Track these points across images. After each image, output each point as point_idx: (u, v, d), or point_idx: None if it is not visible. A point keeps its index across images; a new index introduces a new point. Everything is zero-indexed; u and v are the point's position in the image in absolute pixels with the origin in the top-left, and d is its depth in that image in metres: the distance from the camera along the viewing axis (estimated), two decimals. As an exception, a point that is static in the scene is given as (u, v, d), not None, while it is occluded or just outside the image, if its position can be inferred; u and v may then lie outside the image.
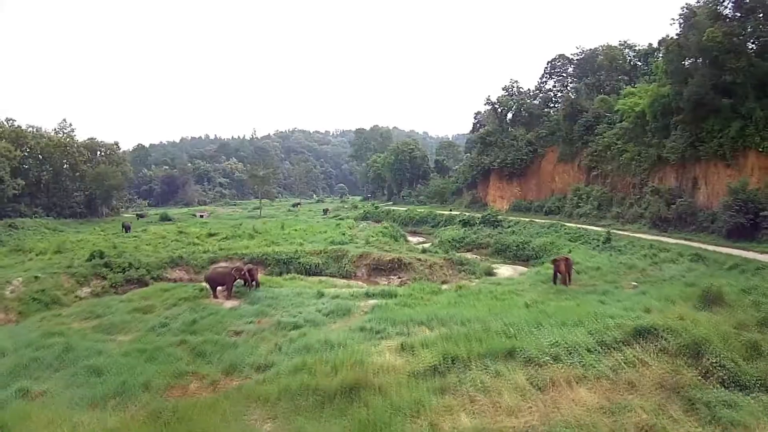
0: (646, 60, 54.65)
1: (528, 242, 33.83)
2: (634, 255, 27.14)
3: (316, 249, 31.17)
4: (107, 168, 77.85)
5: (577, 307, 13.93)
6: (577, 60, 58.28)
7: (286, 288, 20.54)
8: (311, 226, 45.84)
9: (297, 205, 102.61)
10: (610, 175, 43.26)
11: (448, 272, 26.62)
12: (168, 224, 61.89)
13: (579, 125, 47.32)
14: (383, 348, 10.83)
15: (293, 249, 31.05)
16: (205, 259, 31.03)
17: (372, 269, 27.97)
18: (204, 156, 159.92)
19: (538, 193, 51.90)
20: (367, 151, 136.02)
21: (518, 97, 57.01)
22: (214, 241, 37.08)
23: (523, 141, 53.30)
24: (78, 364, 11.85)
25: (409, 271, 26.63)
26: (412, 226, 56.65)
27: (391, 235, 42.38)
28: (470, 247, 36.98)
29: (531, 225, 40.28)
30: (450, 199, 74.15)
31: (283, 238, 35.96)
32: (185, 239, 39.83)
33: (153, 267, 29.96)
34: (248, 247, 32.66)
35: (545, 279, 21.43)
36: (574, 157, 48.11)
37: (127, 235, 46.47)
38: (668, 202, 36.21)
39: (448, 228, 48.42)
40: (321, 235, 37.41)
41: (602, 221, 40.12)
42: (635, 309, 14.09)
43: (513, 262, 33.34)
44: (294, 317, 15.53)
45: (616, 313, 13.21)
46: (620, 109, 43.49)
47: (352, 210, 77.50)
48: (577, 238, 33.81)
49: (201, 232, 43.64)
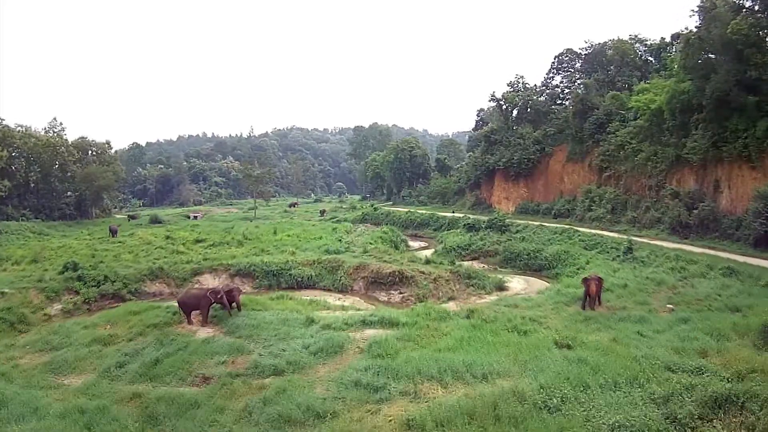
0: (659, 55, 52.02)
1: (540, 250, 31.21)
2: (660, 268, 24.54)
3: (309, 259, 28.59)
4: (97, 168, 75.28)
5: (621, 350, 11.40)
6: (585, 55, 55.51)
7: (271, 311, 17.88)
8: (305, 230, 43.18)
9: (294, 206, 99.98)
10: (623, 176, 40.59)
11: (455, 287, 24.00)
12: (157, 227, 59.22)
13: (590, 123, 44.66)
14: (383, 421, 8.22)
15: (284, 259, 28.46)
16: (187, 270, 28.49)
17: (370, 283, 25.36)
18: (200, 155, 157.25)
19: (546, 194, 49.26)
20: (366, 150, 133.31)
21: (524, 94, 54.19)
22: (201, 249, 34.47)
23: (530, 139, 50.61)
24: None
25: (411, 285, 24.01)
26: (413, 229, 54.03)
27: (391, 240, 39.79)
28: (477, 255, 34.39)
29: (541, 230, 37.64)
30: (452, 199, 71.46)
31: (274, 246, 33.34)
32: (171, 246, 37.26)
33: (131, 280, 27.48)
34: (235, 257, 30.07)
35: (568, 300, 18.86)
36: (584, 156, 45.44)
37: (113, 241, 43.96)
38: (689, 207, 33.62)
39: (451, 232, 45.77)
40: (315, 242, 34.78)
41: (617, 226, 37.52)
42: (688, 351, 11.80)
43: (524, 272, 30.77)
44: (275, 357, 12.93)
45: (668, 358, 10.86)
46: (634, 106, 40.84)
47: (351, 211, 74.80)
48: (593, 246, 31.19)
49: (189, 238, 41.04)
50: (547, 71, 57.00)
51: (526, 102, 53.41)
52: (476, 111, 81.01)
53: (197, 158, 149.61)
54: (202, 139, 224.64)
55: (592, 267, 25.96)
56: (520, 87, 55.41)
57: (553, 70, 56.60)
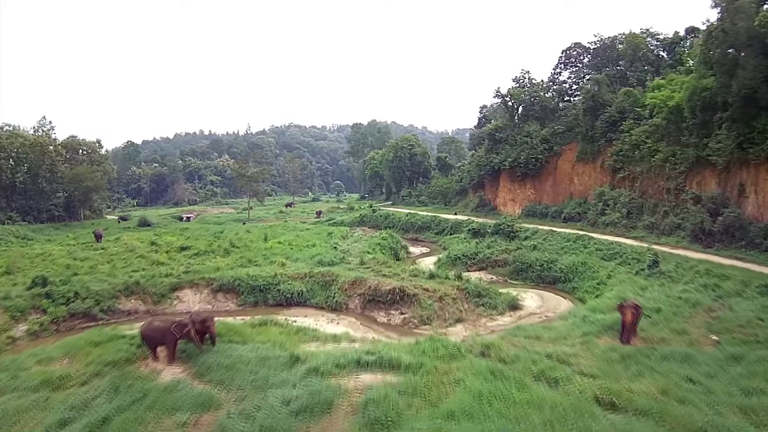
0: (672, 50, 49.39)
1: (554, 261, 28.60)
2: (690, 285, 21.98)
3: (300, 272, 25.99)
4: (85, 168, 72.73)
5: (678, 412, 9.42)
6: (593, 49, 52.77)
7: (250, 345, 15.31)
8: (298, 236, 40.54)
9: (290, 206, 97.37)
10: (639, 177, 38.01)
11: (463, 306, 21.44)
12: (145, 230, 56.70)
13: (601, 121, 42.05)
14: None
15: (272, 272, 25.86)
16: (166, 284, 25.96)
17: (367, 301, 22.79)
18: (196, 153, 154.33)
19: (555, 196, 46.65)
20: (365, 147, 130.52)
21: (531, 90, 51.37)
22: (184, 258, 31.87)
23: (537, 138, 47.89)
24: None
25: (414, 304, 21.44)
26: (414, 232, 51.38)
27: (390, 247, 37.23)
28: (484, 265, 31.82)
29: (552, 237, 34.99)
30: (453, 199, 68.85)
31: (263, 255, 30.74)
32: (153, 254, 34.70)
33: (104, 296, 25.01)
34: (219, 269, 27.46)
35: (597, 329, 16.31)
36: (595, 156, 42.82)
37: (96, 247, 41.60)
38: (711, 213, 31.10)
39: (454, 237, 43.14)
40: (308, 251, 32.15)
41: (633, 232, 34.97)
42: (758, 412, 9.49)
43: (537, 284, 28.19)
44: (246, 420, 10.36)
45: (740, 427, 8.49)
46: (650, 103, 38.23)
47: (348, 212, 72.09)
48: (611, 257, 28.61)
49: (174, 244, 38.48)
50: (554, 66, 54.32)
51: (533, 98, 50.61)
52: (479, 108, 78.60)
53: (193, 156, 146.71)
54: (198, 136, 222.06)
55: (615, 282, 23.46)
56: (526, 83, 52.63)
57: (560, 65, 53.84)
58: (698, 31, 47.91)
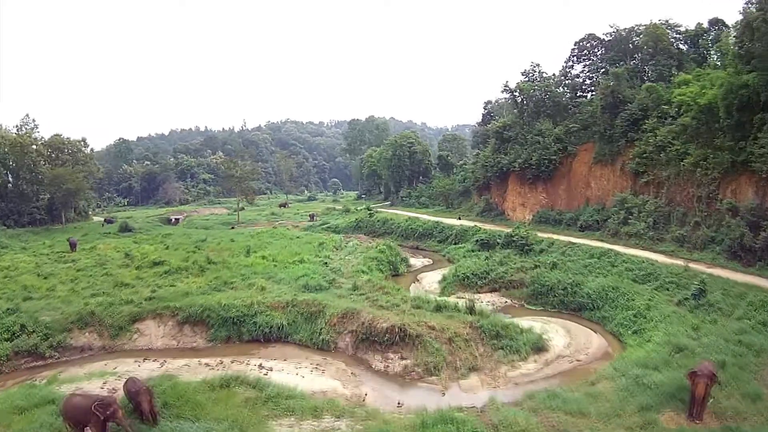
0: (695, 42, 45.44)
1: (579, 284, 24.62)
2: (746, 321, 18.19)
3: (282, 299, 22.13)
4: (65, 169, 68.79)
5: None
6: (608, 41, 48.74)
7: (203, 423, 11.56)
8: (286, 246, 36.63)
9: (284, 206, 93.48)
10: (665, 183, 34.10)
11: (477, 350, 17.63)
12: (126, 236, 52.83)
13: (621, 119, 38.11)
14: None
15: (249, 299, 22.00)
16: (125, 315, 22.21)
17: (360, 340, 18.97)
18: (189, 150, 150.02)
19: (569, 201, 42.67)
20: (362, 144, 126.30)
21: (542, 84, 47.23)
22: (152, 278, 28.05)
23: (550, 137, 43.74)
24: None
25: (417, 347, 17.62)
26: (415, 239, 47.35)
27: (389, 261, 33.38)
28: (497, 285, 27.85)
29: (572, 251, 31.08)
30: (456, 200, 64.85)
31: (241, 275, 26.81)
32: (123, 271, 30.99)
33: (54, 329, 21.41)
34: (189, 293, 23.62)
35: (656, 399, 12.55)
36: (614, 158, 38.87)
37: (66, 259, 38.12)
38: (751, 226, 27.31)
39: (460, 247, 39.12)
40: (294, 269, 28.22)
41: (661, 245, 31.16)
42: None
43: (559, 311, 24.33)
44: None
45: None
46: (678, 100, 34.32)
47: (343, 215, 68.04)
48: (645, 278, 24.75)
49: (149, 256, 34.77)
50: (566, 59, 50.19)
51: (544, 94, 46.51)
52: (483, 103, 74.62)
53: (186, 154, 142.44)
54: (194, 132, 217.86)
55: (657, 316, 19.68)
56: (536, 77, 48.57)
57: (572, 58, 49.75)
58: (723, 23, 44.39)
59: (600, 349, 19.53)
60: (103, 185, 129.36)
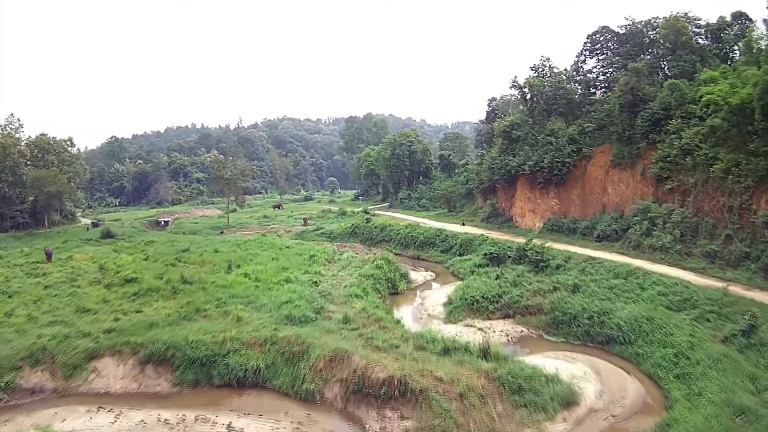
0: (718, 37, 42.06)
1: (607, 312, 21.12)
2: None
3: (260, 335, 18.76)
4: (47, 172, 65.50)
5: None
6: (623, 34, 45.31)
7: None
8: (274, 258, 33.31)
9: (277, 207, 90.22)
10: (692, 191, 30.84)
11: (496, 408, 14.35)
12: (107, 243, 49.60)
13: (642, 119, 34.80)
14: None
15: (221, 335, 18.69)
16: (80, 352, 18.94)
17: (352, 392, 15.72)
18: (182, 148, 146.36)
19: (584, 208, 39.20)
20: (360, 143, 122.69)
21: (554, 80, 43.78)
22: (120, 300, 24.80)
23: (564, 137, 40.16)
24: None
25: (422, 405, 14.35)
26: (415, 248, 43.92)
27: (387, 278, 30.12)
28: (511, 311, 24.34)
29: (593, 267, 27.66)
30: (459, 203, 61.44)
31: (217, 299, 23.39)
32: (92, 289, 27.82)
33: (3, 367, 18.49)
34: (154, 325, 20.32)
35: None
36: (634, 161, 35.50)
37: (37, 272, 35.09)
38: (791, 242, 24.18)
39: (466, 259, 35.73)
40: (278, 290, 24.82)
41: (689, 261, 27.94)
42: None
43: (583, 343, 21.00)
44: None
45: None
46: (707, 99, 31.01)
47: (339, 219, 64.66)
48: (681, 305, 21.45)
49: (124, 270, 31.62)
50: (578, 53, 46.65)
51: (556, 90, 43.00)
52: (487, 100, 71.21)
53: (179, 152, 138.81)
54: (190, 130, 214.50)
55: (703, 358, 16.41)
56: (546, 72, 45.11)
57: (585, 53, 46.30)
58: (747, 17, 41.13)
59: (638, 398, 16.30)
60: (95, 185, 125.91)
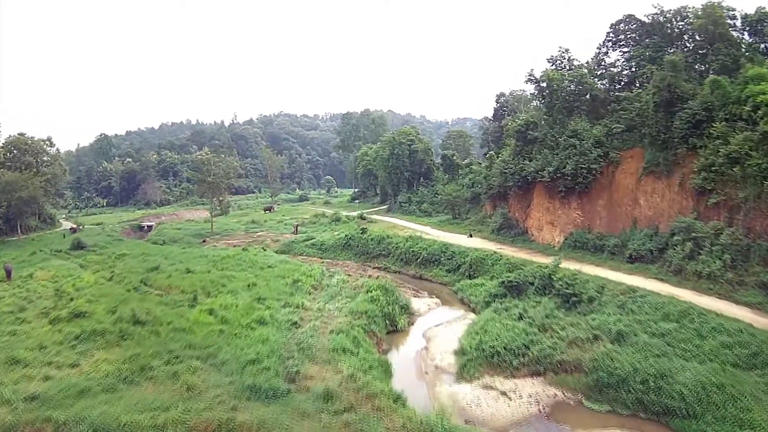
0: (758, 29, 37.23)
1: (665, 375, 16.39)
2: None
3: (210, 419, 13.79)
4: (16, 175, 61.14)
5: None
6: (649, 24, 40.43)
7: None
8: (250, 284, 28.53)
9: (269, 210, 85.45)
10: (742, 207, 26.07)
11: None
12: (75, 257, 44.93)
13: (680, 120, 30.01)
14: None
15: (163, 415, 13.80)
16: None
17: None
18: (174, 146, 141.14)
19: (611, 222, 34.16)
20: (357, 140, 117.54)
21: (575, 74, 38.57)
22: (59, 345, 19.98)
23: (589, 140, 34.93)
24: None
25: None
26: (417, 266, 38.80)
27: (384, 314, 25.35)
28: (541, 369, 19.16)
29: (633, 302, 22.46)
30: (463, 208, 56.45)
31: (169, 352, 18.26)
32: (35, 324, 23.27)
33: None
34: (85, 391, 15.50)
35: None
36: (671, 169, 30.64)
37: None
38: None
39: (477, 284, 30.61)
40: (247, 339, 19.63)
41: (742, 292, 23.21)
42: None
43: (634, 413, 16.17)
44: None
45: None
46: (759, 100, 26.20)
47: (332, 226, 59.72)
48: (750, 362, 16.57)
49: (80, 297, 27.03)
50: (600, 45, 41.73)
51: (578, 85, 37.91)
52: (495, 96, 66.35)
53: (170, 150, 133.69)
54: (184, 126, 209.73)
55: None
56: (565, 65, 40.09)
57: (607, 44, 41.39)
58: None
59: None
60: (83, 184, 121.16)
